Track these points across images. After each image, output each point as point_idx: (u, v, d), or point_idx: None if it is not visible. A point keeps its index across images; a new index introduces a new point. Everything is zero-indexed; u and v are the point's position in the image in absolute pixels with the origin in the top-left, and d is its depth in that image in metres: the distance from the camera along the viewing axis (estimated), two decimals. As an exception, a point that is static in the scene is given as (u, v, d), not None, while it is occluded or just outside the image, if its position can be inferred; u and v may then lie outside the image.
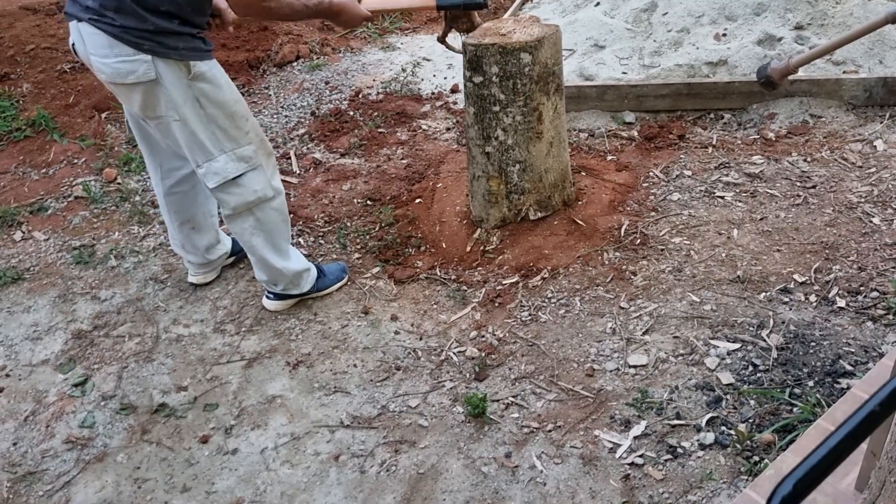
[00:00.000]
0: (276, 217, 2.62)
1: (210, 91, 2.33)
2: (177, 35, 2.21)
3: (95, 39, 2.20)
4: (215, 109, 2.35)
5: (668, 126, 3.72)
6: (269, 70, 4.76)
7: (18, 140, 3.99)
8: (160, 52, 2.20)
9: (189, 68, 2.26)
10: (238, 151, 2.44)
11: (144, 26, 2.16)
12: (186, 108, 2.31)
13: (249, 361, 2.62)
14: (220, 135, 2.40)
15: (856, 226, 2.91)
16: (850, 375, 2.24)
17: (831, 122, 3.58)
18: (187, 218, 2.81)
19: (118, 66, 2.21)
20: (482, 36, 2.80)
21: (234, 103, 2.40)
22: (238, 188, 2.49)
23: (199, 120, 2.34)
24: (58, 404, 2.50)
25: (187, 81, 2.27)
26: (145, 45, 2.18)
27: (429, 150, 3.79)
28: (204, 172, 2.45)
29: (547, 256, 2.94)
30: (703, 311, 2.60)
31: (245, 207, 2.54)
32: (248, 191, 2.51)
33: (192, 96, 2.30)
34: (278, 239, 2.67)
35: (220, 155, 2.42)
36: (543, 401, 2.34)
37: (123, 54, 2.19)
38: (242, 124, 2.44)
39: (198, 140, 2.38)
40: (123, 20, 2.15)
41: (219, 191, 2.49)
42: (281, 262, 2.68)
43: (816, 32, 3.94)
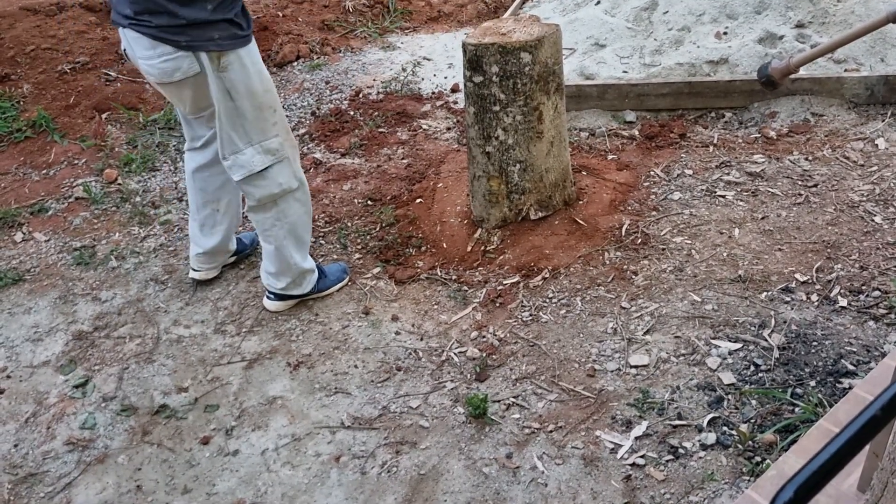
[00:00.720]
0: (299, 208, 2.64)
1: (238, 82, 2.34)
2: (211, 25, 2.24)
3: (139, 42, 2.27)
4: (243, 101, 2.37)
5: (669, 125, 3.71)
6: (270, 70, 4.75)
7: (19, 141, 3.99)
8: (197, 46, 2.25)
9: (219, 60, 2.29)
10: (265, 144, 2.47)
11: (177, 22, 2.20)
12: (220, 100, 2.36)
13: (250, 362, 2.62)
14: (247, 127, 2.42)
15: (857, 225, 2.91)
16: (852, 375, 2.24)
17: (833, 121, 3.57)
18: (213, 198, 2.81)
19: (163, 66, 2.28)
20: (482, 35, 2.79)
21: (263, 94, 2.42)
22: (264, 181, 2.52)
23: (228, 112, 2.38)
24: (59, 406, 2.50)
25: (217, 74, 2.31)
26: (182, 40, 2.23)
27: (429, 149, 3.79)
28: (230, 165, 2.48)
29: (548, 256, 2.93)
30: (705, 310, 2.59)
31: (270, 199, 2.57)
32: (273, 183, 2.53)
33: (223, 88, 2.34)
34: (301, 231, 2.69)
35: (246, 148, 2.45)
36: (545, 401, 2.34)
37: (166, 53, 2.25)
38: (269, 115, 2.45)
39: (225, 132, 2.42)
40: (158, 20, 2.20)
41: (244, 183, 2.52)
42: (296, 256, 2.70)
43: (818, 30, 3.93)
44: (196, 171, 2.77)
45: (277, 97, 2.50)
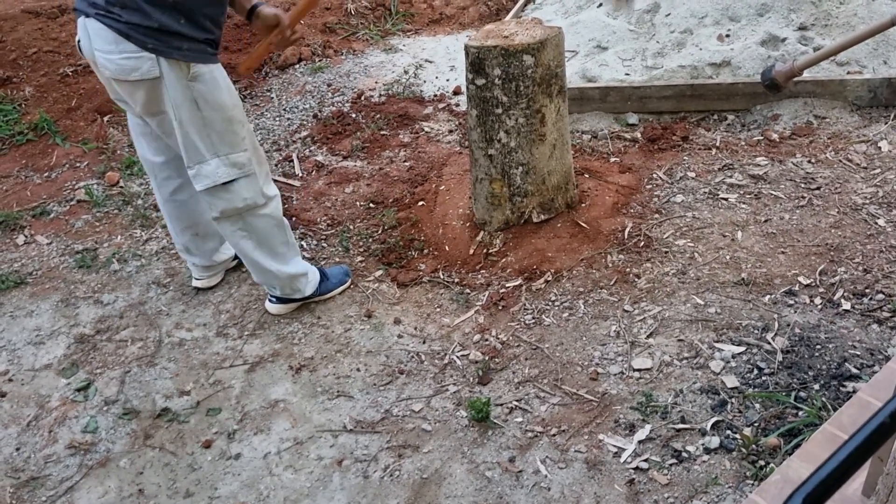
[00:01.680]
0: (267, 222, 2.60)
1: (208, 93, 2.32)
2: (181, 36, 2.21)
3: (101, 35, 2.21)
4: (212, 112, 2.35)
5: (671, 127, 3.70)
6: (272, 72, 4.76)
7: (21, 144, 3.99)
8: (163, 51, 2.21)
9: (189, 69, 2.26)
10: (232, 157, 2.43)
11: (149, 23, 2.17)
12: (184, 108, 2.31)
13: (252, 366, 2.61)
14: (214, 138, 2.39)
15: (861, 227, 2.90)
16: (856, 378, 2.23)
17: (836, 123, 3.56)
18: (190, 224, 2.81)
19: (122, 63, 2.22)
20: (485, 38, 2.79)
21: (232, 108, 2.39)
22: (227, 193, 2.48)
23: (195, 122, 2.34)
24: (60, 409, 2.49)
25: (186, 82, 2.27)
26: (150, 43, 2.19)
27: (431, 152, 3.78)
28: (194, 174, 2.44)
29: (550, 259, 2.93)
30: (708, 313, 2.59)
31: (233, 213, 2.53)
32: (237, 197, 2.49)
33: (190, 97, 2.30)
34: (272, 242, 2.65)
35: (212, 158, 2.41)
36: (547, 405, 2.33)
37: (128, 51, 2.20)
38: (238, 129, 2.43)
39: (191, 141, 2.37)
40: (129, 16, 2.16)
41: (207, 194, 2.48)
42: (274, 264, 2.67)
43: (820, 33, 3.93)
44: (167, 202, 2.76)
45: (244, 114, 2.48)
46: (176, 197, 2.74)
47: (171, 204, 2.76)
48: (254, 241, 2.61)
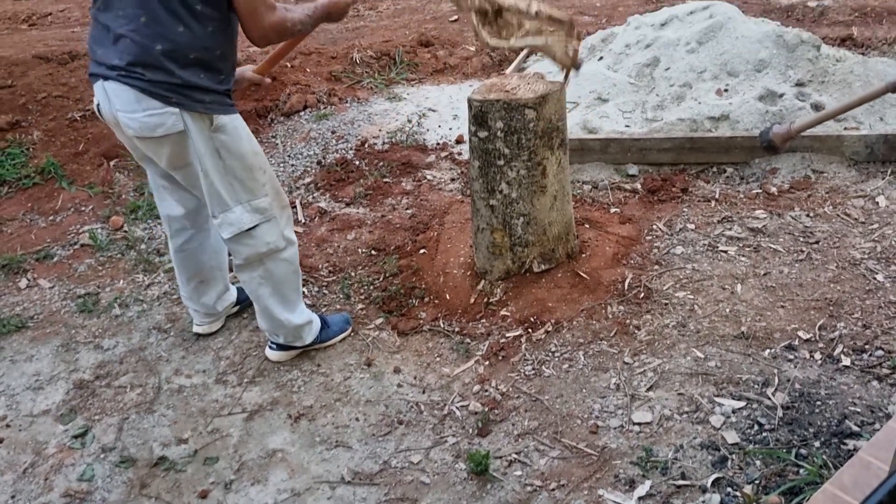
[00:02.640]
0: (286, 268, 2.65)
1: (230, 143, 2.38)
2: (202, 89, 2.28)
3: (123, 96, 2.26)
4: (234, 161, 2.41)
5: (671, 179, 3.74)
6: (277, 119, 4.82)
7: (27, 187, 4.03)
8: (187, 105, 2.27)
9: (212, 121, 2.33)
10: (254, 203, 2.49)
11: (172, 80, 2.23)
12: (207, 159, 2.37)
13: (251, 414, 2.60)
14: (237, 186, 2.44)
15: (860, 282, 2.91)
16: (856, 436, 2.22)
17: (833, 178, 3.60)
18: (195, 272, 2.85)
19: (146, 121, 2.27)
20: (487, 91, 2.84)
21: (253, 155, 2.46)
22: (251, 239, 2.53)
23: (218, 171, 2.40)
24: (57, 456, 2.48)
25: (209, 133, 2.34)
26: (173, 98, 2.25)
27: (433, 200, 3.82)
28: (220, 223, 2.49)
29: (551, 309, 2.94)
30: (708, 367, 2.59)
31: (256, 258, 2.58)
32: (260, 242, 2.55)
33: (213, 147, 2.36)
34: (287, 290, 2.69)
35: (235, 206, 2.47)
36: (547, 458, 2.32)
37: (152, 108, 2.25)
38: (259, 176, 2.49)
39: (215, 191, 2.43)
40: (152, 75, 2.22)
41: (232, 241, 2.54)
42: (285, 314, 2.69)
43: (817, 89, 4.00)
44: (177, 252, 2.81)
45: (266, 160, 2.54)
46: (186, 247, 2.79)
47: (182, 254, 2.81)
48: (270, 288, 2.65)
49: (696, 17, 4.54)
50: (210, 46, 2.26)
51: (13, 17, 7.13)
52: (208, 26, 2.23)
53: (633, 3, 6.61)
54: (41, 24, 6.96)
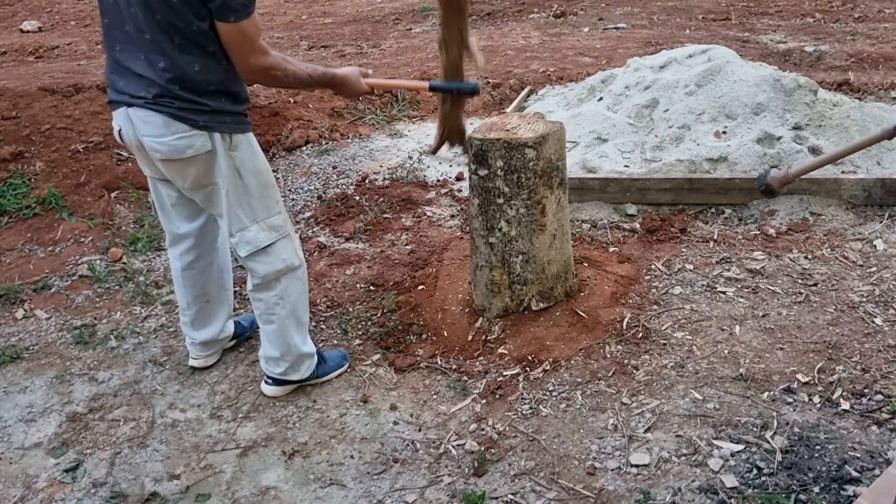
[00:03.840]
0: (300, 288, 2.69)
1: (248, 161, 2.46)
2: (225, 112, 2.39)
3: (150, 121, 2.34)
4: (251, 178, 2.48)
5: (669, 219, 3.76)
6: (279, 153, 4.86)
7: (28, 217, 4.04)
8: (213, 126, 2.37)
9: (231, 140, 2.41)
10: (269, 221, 2.55)
11: (199, 106, 2.33)
12: (228, 178, 2.45)
13: (245, 450, 2.58)
14: (254, 204, 2.51)
15: (858, 326, 2.91)
16: (856, 482, 2.20)
17: (831, 220, 3.62)
18: (201, 292, 2.86)
19: (176, 144, 2.35)
20: (488, 131, 2.87)
21: (267, 172, 2.55)
22: (268, 257, 2.58)
23: (236, 191, 2.47)
24: (47, 491, 2.44)
25: (229, 152, 2.42)
26: (201, 121, 2.35)
27: (433, 236, 3.83)
28: (237, 241, 2.55)
29: (549, 348, 2.93)
30: (706, 409, 2.57)
31: (274, 276, 2.62)
32: (277, 259, 2.60)
33: (233, 167, 2.44)
34: (300, 311, 2.73)
35: (252, 225, 2.53)
36: (543, 499, 2.29)
37: (180, 131, 2.34)
38: (273, 193, 2.56)
39: (233, 210, 2.50)
40: (181, 103, 2.32)
41: (249, 259, 2.58)
42: (297, 337, 2.71)
43: (814, 133, 4.04)
44: (184, 270, 2.82)
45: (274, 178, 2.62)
46: (194, 265, 2.81)
47: (189, 272, 2.82)
48: (287, 309, 2.68)
49: (694, 60, 4.61)
50: (226, 78, 2.35)
51: (20, 50, 7.23)
52: (222, 61, 2.32)
53: (633, 46, 6.71)
54: (48, 57, 7.05)
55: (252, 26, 2.25)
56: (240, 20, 2.21)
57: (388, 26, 8.14)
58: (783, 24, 7.51)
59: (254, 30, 2.26)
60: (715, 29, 7.39)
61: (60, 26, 8.54)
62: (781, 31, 7.15)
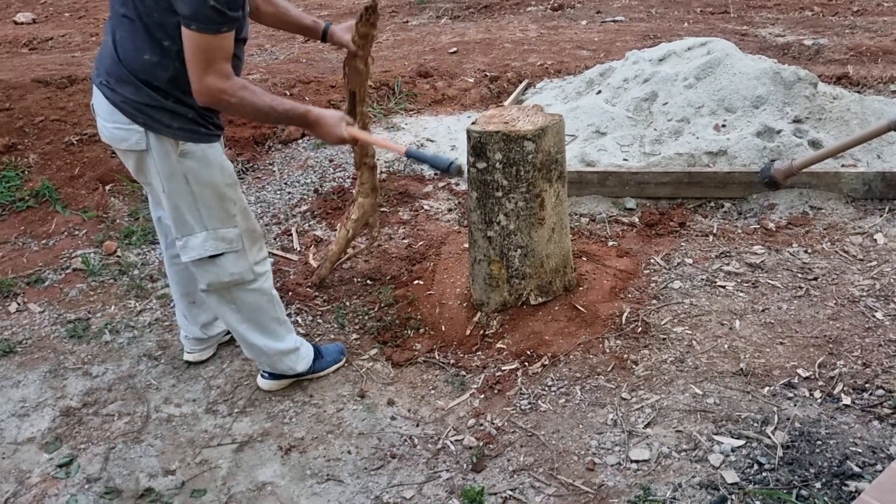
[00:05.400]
0: (257, 298, 2.58)
1: (198, 171, 2.33)
2: (171, 113, 2.25)
3: (101, 104, 2.31)
4: (202, 188, 2.36)
5: (668, 213, 3.74)
6: (275, 146, 4.82)
7: (21, 210, 4.00)
8: (152, 126, 2.25)
9: (178, 145, 2.29)
10: (220, 232, 2.43)
11: (139, 98, 2.22)
12: (173, 182, 2.34)
13: (241, 445, 2.55)
14: (204, 212, 2.39)
15: (859, 320, 2.89)
16: (858, 478, 2.18)
17: (831, 214, 3.60)
18: (187, 291, 2.80)
19: (114, 132, 2.31)
20: (486, 123, 2.84)
21: (224, 186, 2.40)
22: (214, 267, 2.47)
23: (183, 196, 2.36)
24: (41, 486, 2.42)
25: (176, 157, 2.30)
26: (139, 117, 2.24)
27: (430, 230, 3.80)
28: (182, 245, 2.45)
29: (547, 343, 2.90)
30: (707, 404, 2.55)
31: (219, 286, 2.52)
32: (223, 271, 2.48)
33: (179, 172, 2.32)
34: (262, 318, 2.62)
35: (200, 231, 2.42)
36: (543, 495, 2.27)
37: (120, 122, 2.27)
38: (230, 207, 2.42)
39: (180, 214, 2.39)
40: (122, 89, 2.23)
41: (193, 265, 2.49)
42: (261, 339, 2.63)
43: (814, 126, 4.01)
44: (169, 265, 2.79)
45: (241, 194, 2.48)
46: (176, 260, 2.73)
47: (174, 267, 2.78)
48: (241, 315, 2.59)
49: (693, 53, 4.58)
50: (179, 79, 2.18)
51: (14, 41, 7.17)
52: (176, 61, 2.18)
53: (631, 39, 6.67)
54: (42, 49, 6.99)
55: (215, 44, 2.08)
56: (202, 32, 2.05)
57: (385, 19, 8.09)
58: (782, 18, 7.47)
59: (216, 49, 2.09)
60: (713, 22, 7.35)
61: (54, 18, 8.47)
62: (780, 25, 7.12)
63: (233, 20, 2.09)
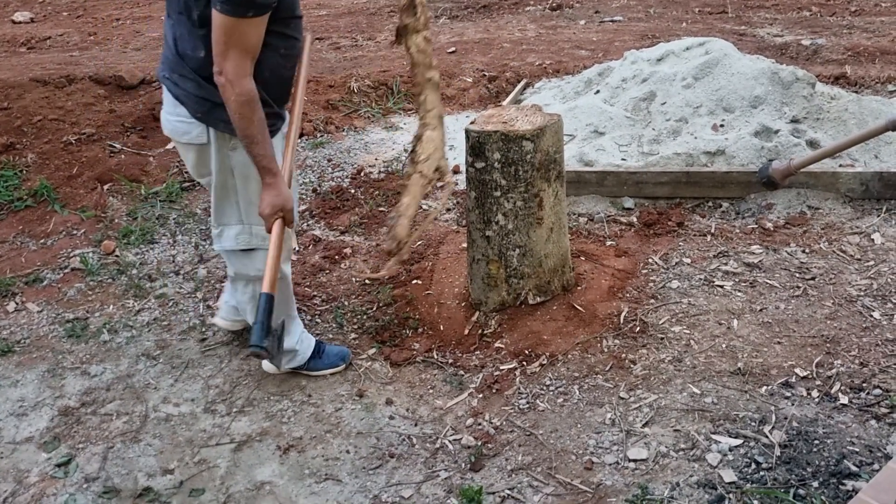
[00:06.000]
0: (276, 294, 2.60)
1: (243, 166, 2.41)
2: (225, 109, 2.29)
3: (166, 97, 2.42)
4: (246, 184, 2.45)
5: (666, 213, 3.74)
6: (273, 146, 4.81)
7: (19, 210, 3.99)
8: (210, 122, 2.35)
9: (230, 140, 2.37)
10: (255, 229, 2.52)
11: (200, 93, 2.31)
12: (220, 174, 2.45)
13: (239, 444, 2.55)
14: (244, 206, 2.49)
15: (856, 319, 2.90)
16: (855, 477, 2.18)
17: (829, 214, 3.61)
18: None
19: (177, 125, 2.41)
20: (485, 123, 2.84)
21: None
22: (246, 259, 2.59)
23: (227, 188, 2.47)
24: (39, 486, 2.42)
25: (227, 151, 2.40)
26: (199, 112, 2.34)
27: (429, 230, 3.80)
28: (217, 234, 2.57)
29: (546, 342, 2.91)
30: (704, 403, 2.55)
31: (245, 278, 2.63)
32: (252, 266, 2.60)
33: (228, 165, 2.42)
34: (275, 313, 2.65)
35: (236, 224, 2.53)
36: (541, 494, 2.27)
37: (182, 115, 2.37)
38: None
39: (221, 204, 2.51)
40: (184, 84, 2.33)
41: (227, 254, 2.61)
42: None
43: (812, 126, 4.02)
44: None
45: None
46: None
47: None
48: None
49: (692, 52, 4.58)
50: None
51: (12, 41, 7.16)
52: None
53: (630, 39, 6.68)
54: (40, 48, 6.98)
55: (239, 29, 2.09)
56: (227, 14, 2.06)
57: (384, 18, 8.09)
58: (780, 18, 7.48)
59: (239, 34, 2.10)
60: (711, 22, 7.36)
61: (53, 17, 8.46)
62: (778, 25, 7.13)
63: (261, 7, 2.12)
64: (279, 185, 2.32)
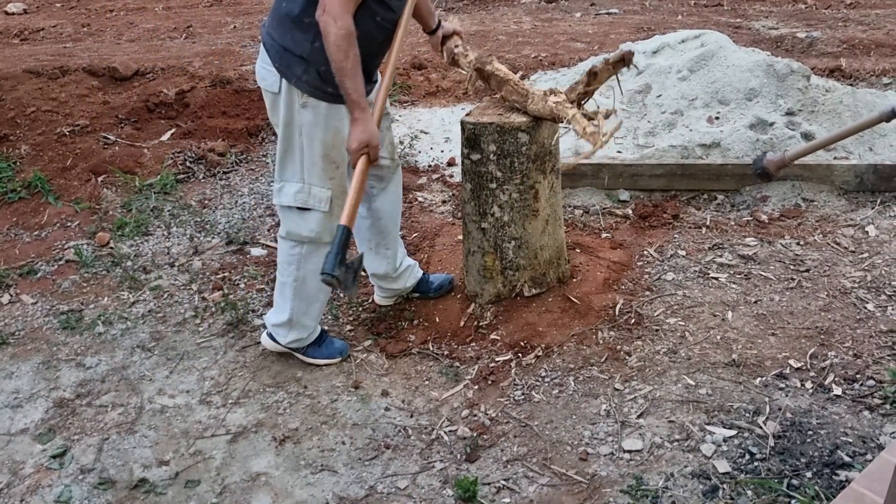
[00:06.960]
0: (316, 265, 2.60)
1: (312, 126, 2.47)
2: (302, 61, 2.40)
3: (261, 48, 2.53)
4: (311, 143, 2.50)
5: (662, 205, 3.75)
6: (269, 138, 4.80)
7: (13, 201, 3.98)
8: (284, 73, 2.43)
9: (302, 97, 2.44)
10: (315, 189, 2.56)
11: (284, 42, 2.41)
12: (288, 129, 2.51)
13: (235, 436, 2.55)
14: (308, 165, 2.53)
15: (850, 311, 2.91)
16: (848, 467, 2.20)
17: (823, 206, 3.62)
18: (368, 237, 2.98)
19: (260, 70, 2.52)
20: (481, 114, 2.83)
21: (331, 148, 2.52)
22: (300, 218, 2.60)
23: (293, 145, 2.52)
24: (34, 477, 2.41)
25: (298, 107, 2.46)
26: (277, 61, 2.43)
27: (424, 222, 3.80)
28: (277, 189, 2.61)
29: (541, 334, 2.91)
30: (699, 394, 2.56)
31: (296, 238, 2.64)
32: (305, 226, 2.61)
33: (296, 122, 2.48)
34: (310, 290, 2.70)
35: (297, 182, 2.56)
36: (536, 485, 2.28)
37: (265, 62, 2.49)
38: (331, 170, 2.55)
39: (285, 160, 2.56)
40: (274, 31, 2.45)
41: (282, 209, 2.64)
42: (298, 303, 2.72)
43: (807, 118, 4.02)
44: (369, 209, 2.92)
45: (346, 159, 2.54)
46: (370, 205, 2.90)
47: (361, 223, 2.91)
48: (298, 274, 2.68)
49: (687, 45, 4.58)
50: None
51: (5, 32, 7.11)
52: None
53: (625, 31, 6.67)
54: (33, 39, 6.94)
55: None
56: None
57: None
58: (775, 10, 7.49)
59: None
60: (707, 14, 7.36)
61: (46, 8, 8.41)
62: (773, 17, 7.13)
63: None
64: (367, 120, 2.40)
